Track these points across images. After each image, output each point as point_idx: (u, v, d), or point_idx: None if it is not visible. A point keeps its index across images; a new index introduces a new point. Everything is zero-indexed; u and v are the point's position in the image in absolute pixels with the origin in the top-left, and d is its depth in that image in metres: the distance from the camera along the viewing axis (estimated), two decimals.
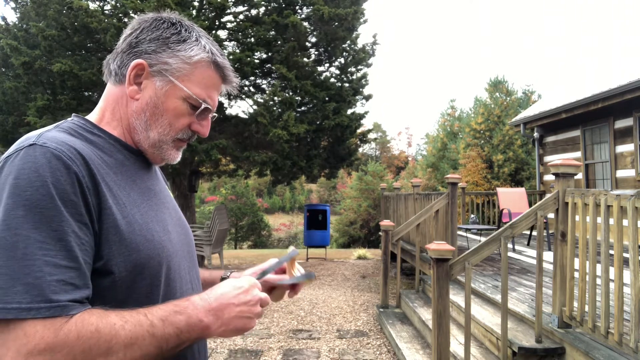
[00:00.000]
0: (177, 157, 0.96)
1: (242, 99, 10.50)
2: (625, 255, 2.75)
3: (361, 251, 11.62)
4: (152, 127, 0.91)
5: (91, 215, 0.76)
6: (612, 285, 2.58)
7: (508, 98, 17.03)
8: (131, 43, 0.91)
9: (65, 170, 0.74)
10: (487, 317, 3.68)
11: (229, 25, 9.48)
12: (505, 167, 15.07)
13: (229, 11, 8.83)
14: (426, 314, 4.50)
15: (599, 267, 2.61)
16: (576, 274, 2.89)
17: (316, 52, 10.21)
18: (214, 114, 0.99)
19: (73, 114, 0.95)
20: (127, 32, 0.93)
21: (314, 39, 9.91)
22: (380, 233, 7.35)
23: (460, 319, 3.99)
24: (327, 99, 9.44)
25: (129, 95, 0.91)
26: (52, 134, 0.80)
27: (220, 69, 0.94)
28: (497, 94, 17.42)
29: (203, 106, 0.92)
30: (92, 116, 0.94)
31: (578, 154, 8.26)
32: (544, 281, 3.28)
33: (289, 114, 8.34)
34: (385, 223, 5.98)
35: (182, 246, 0.96)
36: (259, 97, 10.24)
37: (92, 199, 0.77)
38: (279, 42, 8.92)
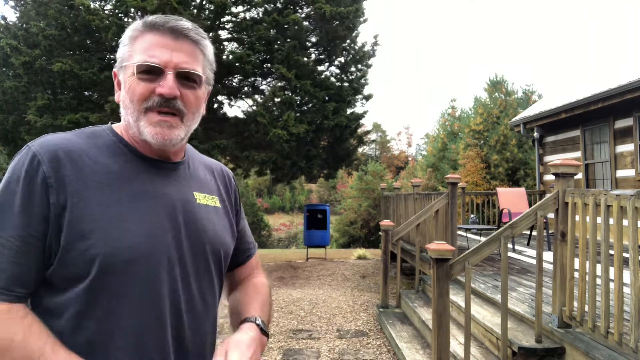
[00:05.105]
0: (159, 133, 0.93)
1: (241, 99, 10.51)
2: (625, 255, 2.75)
3: (361, 251, 11.61)
4: (127, 114, 0.97)
5: (50, 211, 0.85)
6: (612, 285, 2.58)
7: (508, 98, 17.02)
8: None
9: (34, 173, 0.86)
10: (487, 317, 3.68)
11: (229, 25, 9.48)
12: (501, 167, 15.10)
13: (229, 11, 8.83)
14: (426, 314, 4.50)
15: (598, 267, 2.61)
16: (576, 274, 2.89)
17: (316, 52, 10.22)
18: (187, 70, 0.95)
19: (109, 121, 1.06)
20: None
21: (314, 39, 9.91)
22: (380, 233, 7.36)
23: (460, 319, 4.00)
24: (327, 98, 9.44)
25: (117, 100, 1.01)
26: (53, 137, 0.92)
27: (152, 25, 0.95)
28: (497, 94, 17.41)
29: (139, 63, 0.93)
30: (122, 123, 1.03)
31: (578, 154, 8.26)
32: (544, 281, 3.28)
33: (289, 114, 8.34)
34: (385, 223, 5.98)
35: (176, 252, 0.94)
36: (258, 98, 10.24)
37: (54, 197, 0.85)
38: (279, 42, 8.93)
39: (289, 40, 8.81)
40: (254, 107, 9.67)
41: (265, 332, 1.06)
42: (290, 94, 9.03)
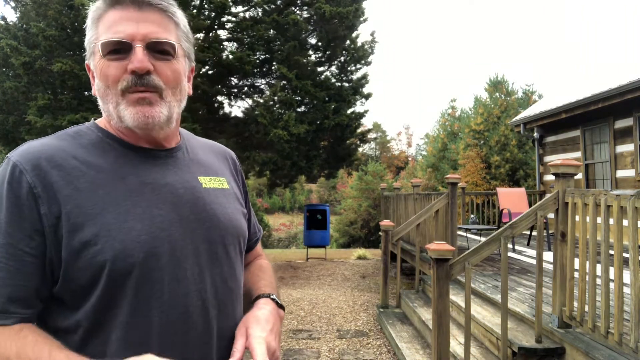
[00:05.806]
0: (139, 111, 0.87)
1: (242, 99, 10.51)
2: (625, 255, 2.75)
3: (361, 251, 11.62)
4: (105, 103, 0.90)
5: (42, 223, 0.80)
6: (612, 285, 2.58)
7: (508, 98, 17.02)
8: None
9: (17, 184, 0.80)
10: (487, 317, 3.68)
11: (228, 25, 9.49)
12: (502, 167, 15.11)
13: (228, 11, 8.83)
14: (426, 314, 4.50)
15: (598, 267, 2.61)
16: (576, 274, 2.89)
17: (317, 54, 10.22)
18: (157, 40, 0.87)
19: (93, 117, 0.99)
20: None
21: (314, 40, 9.92)
22: (380, 233, 7.36)
23: (460, 319, 4.00)
24: (327, 99, 9.45)
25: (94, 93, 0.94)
26: (33, 143, 0.86)
27: (113, 1, 0.87)
28: (497, 94, 17.41)
29: (103, 41, 0.86)
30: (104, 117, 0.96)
31: (578, 154, 8.26)
32: (544, 281, 3.28)
33: (290, 114, 8.35)
34: (385, 223, 5.97)
35: (190, 243, 0.89)
36: (258, 98, 10.25)
37: (45, 207, 0.80)
38: (279, 42, 8.93)
39: (289, 40, 8.82)
40: (254, 107, 9.67)
41: (281, 306, 1.04)
42: (290, 94, 9.03)
